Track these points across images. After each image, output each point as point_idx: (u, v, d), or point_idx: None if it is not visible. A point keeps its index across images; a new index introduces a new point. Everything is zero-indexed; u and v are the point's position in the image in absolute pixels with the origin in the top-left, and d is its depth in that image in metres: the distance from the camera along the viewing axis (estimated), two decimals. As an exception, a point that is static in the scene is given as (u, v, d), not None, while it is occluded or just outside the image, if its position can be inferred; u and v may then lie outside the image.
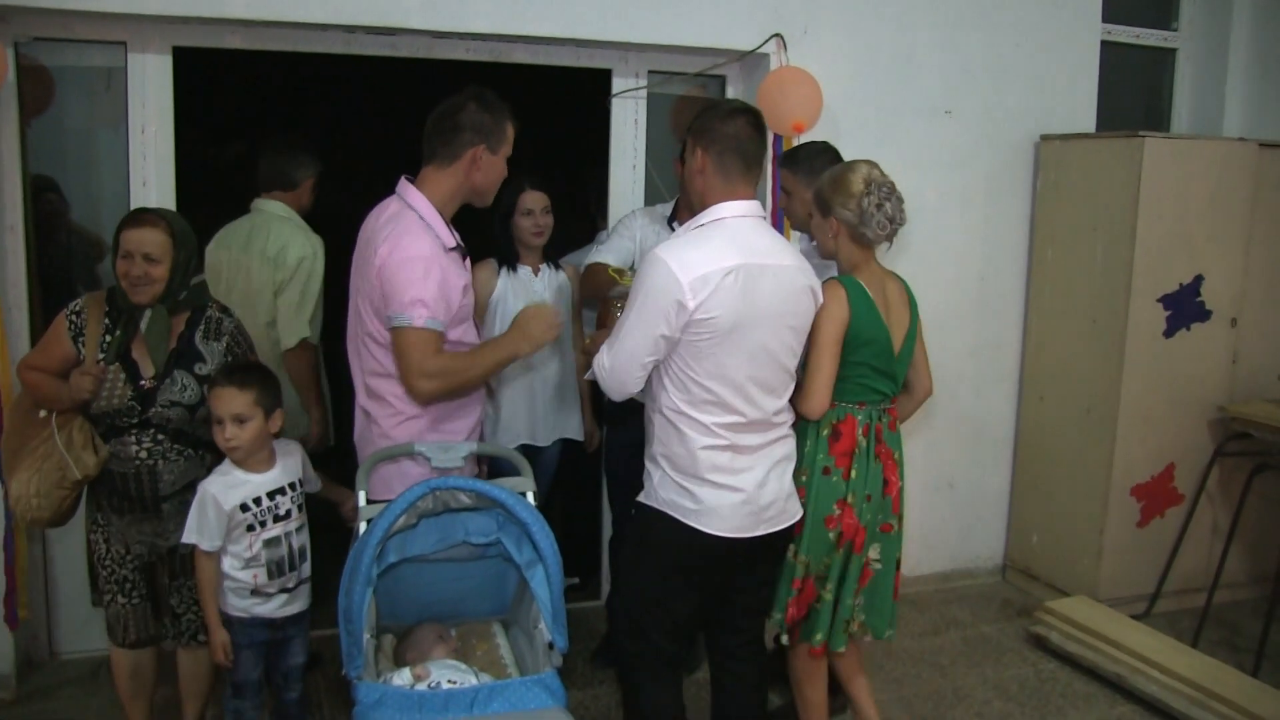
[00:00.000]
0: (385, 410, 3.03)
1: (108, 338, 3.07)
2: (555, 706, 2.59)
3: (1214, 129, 5.41)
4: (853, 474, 3.15)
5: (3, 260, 3.91)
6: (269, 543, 3.01)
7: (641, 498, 2.93)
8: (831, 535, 3.14)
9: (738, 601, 3.04)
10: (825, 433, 3.16)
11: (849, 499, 3.14)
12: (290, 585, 3.07)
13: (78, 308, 3.12)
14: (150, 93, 4.05)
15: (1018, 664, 4.42)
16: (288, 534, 3.05)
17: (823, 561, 3.18)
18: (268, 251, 3.90)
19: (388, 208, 3.04)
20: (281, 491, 3.05)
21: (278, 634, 3.11)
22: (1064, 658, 4.41)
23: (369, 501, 2.89)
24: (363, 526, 2.77)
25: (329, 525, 3.35)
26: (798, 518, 3.02)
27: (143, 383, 3.07)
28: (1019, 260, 5.13)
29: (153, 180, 4.06)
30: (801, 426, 3.16)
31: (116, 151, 4.12)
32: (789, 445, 2.98)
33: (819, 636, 3.21)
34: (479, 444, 3.07)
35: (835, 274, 3.19)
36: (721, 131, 2.80)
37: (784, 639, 3.30)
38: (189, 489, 3.09)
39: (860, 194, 3.06)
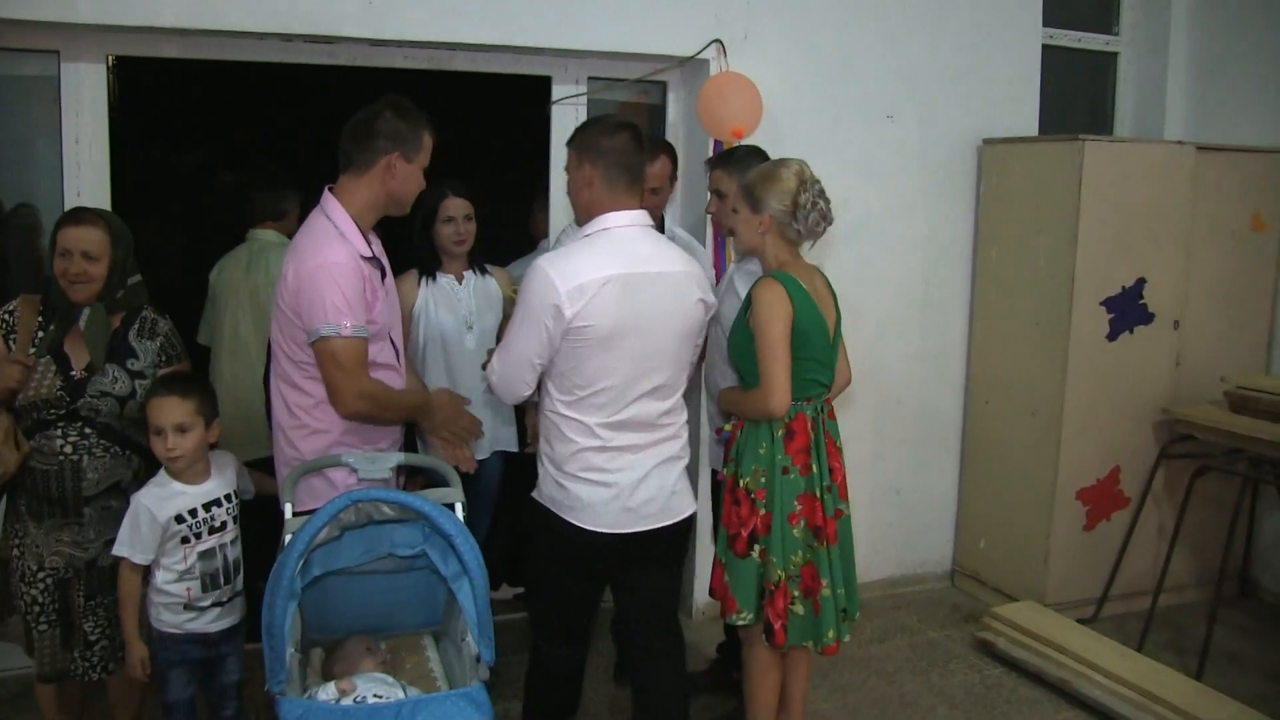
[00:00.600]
0: (293, 423, 3.00)
1: (40, 334, 3.06)
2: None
3: (1156, 132, 5.44)
4: (812, 469, 3.20)
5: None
6: (204, 555, 2.97)
7: (533, 493, 3.08)
8: (797, 532, 3.18)
9: (637, 595, 3.15)
10: (780, 433, 3.18)
11: (814, 493, 3.19)
12: (224, 599, 3.02)
13: (10, 308, 3.13)
14: (85, 102, 3.99)
15: (964, 670, 4.41)
16: (222, 546, 3.01)
17: (794, 561, 3.19)
18: (270, 274, 4.27)
19: (308, 224, 3.00)
20: (218, 503, 3.01)
21: (211, 651, 3.06)
22: (1010, 663, 4.41)
23: (295, 514, 2.85)
24: (287, 539, 2.73)
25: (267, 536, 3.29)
26: (683, 515, 3.07)
27: (73, 373, 3.04)
28: (963, 264, 5.13)
29: (87, 190, 3.99)
30: (753, 429, 3.23)
31: (53, 161, 4.06)
32: (676, 446, 3.05)
33: (830, 634, 3.23)
34: (406, 454, 3.04)
35: (764, 274, 3.22)
36: (608, 146, 2.91)
37: (765, 641, 3.27)
38: (113, 493, 3.06)
39: (795, 190, 3.13)
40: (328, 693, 2.68)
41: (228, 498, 3.05)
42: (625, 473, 2.93)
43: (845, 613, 3.29)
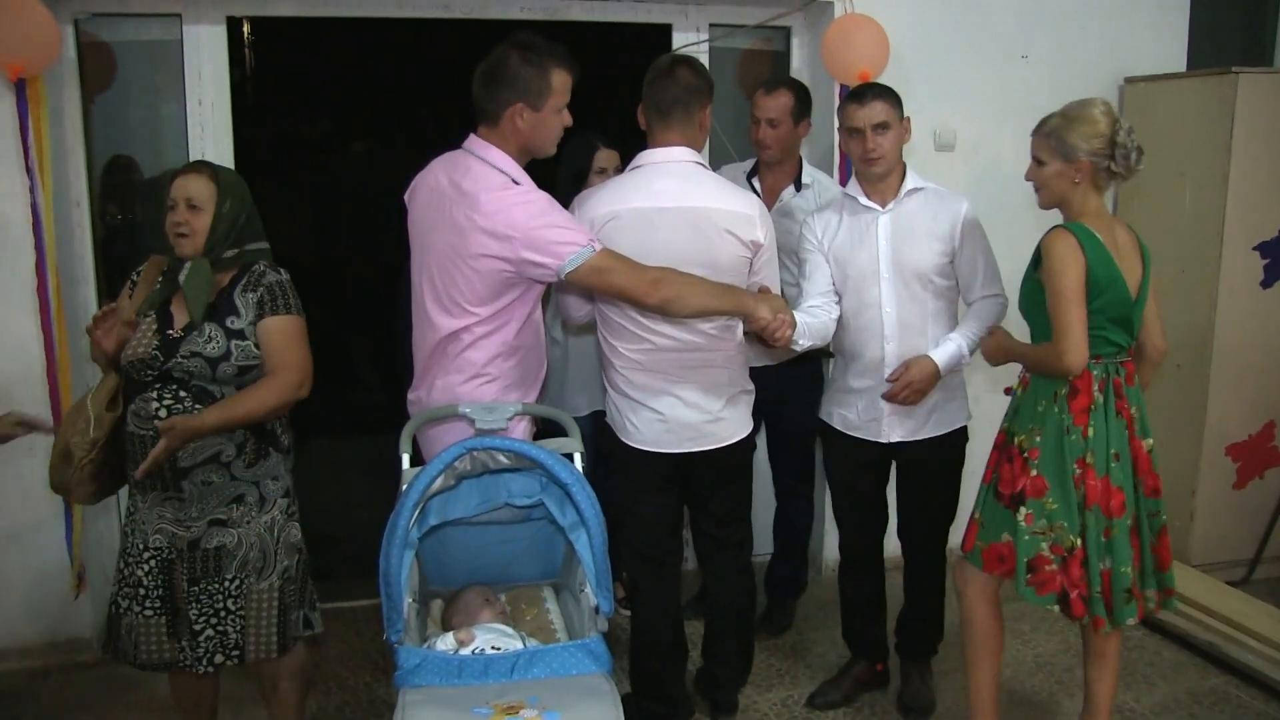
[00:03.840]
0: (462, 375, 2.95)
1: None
2: (598, 672, 2.51)
3: (1320, 63, 5.09)
4: (1090, 431, 2.97)
5: (69, 235, 3.95)
6: None
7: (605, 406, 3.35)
8: (1076, 497, 2.97)
9: (702, 509, 3.38)
10: (1064, 391, 2.99)
11: (1088, 458, 2.97)
12: None
13: (140, 269, 3.04)
14: (205, 64, 4.07)
15: (1104, 631, 4.23)
16: None
17: (1073, 528, 2.97)
18: None
19: (467, 168, 2.89)
20: None
21: None
22: (1153, 625, 4.20)
23: (411, 464, 2.85)
24: (403, 489, 2.72)
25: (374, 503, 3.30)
26: (730, 441, 3.22)
27: (170, 332, 2.85)
28: (1104, 210, 4.87)
29: (211, 152, 4.05)
30: (1036, 385, 3.08)
31: (178, 126, 4.14)
32: (715, 374, 3.17)
33: (1091, 610, 3.00)
34: (525, 404, 3.00)
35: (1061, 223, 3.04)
36: (647, 84, 3.10)
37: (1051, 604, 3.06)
38: (213, 466, 2.85)
39: (1109, 130, 2.96)
40: (446, 643, 2.68)
41: None
42: (664, 397, 3.13)
43: (1129, 593, 3.00)
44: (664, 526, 3.34)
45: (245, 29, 6.57)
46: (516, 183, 2.86)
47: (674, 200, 3.01)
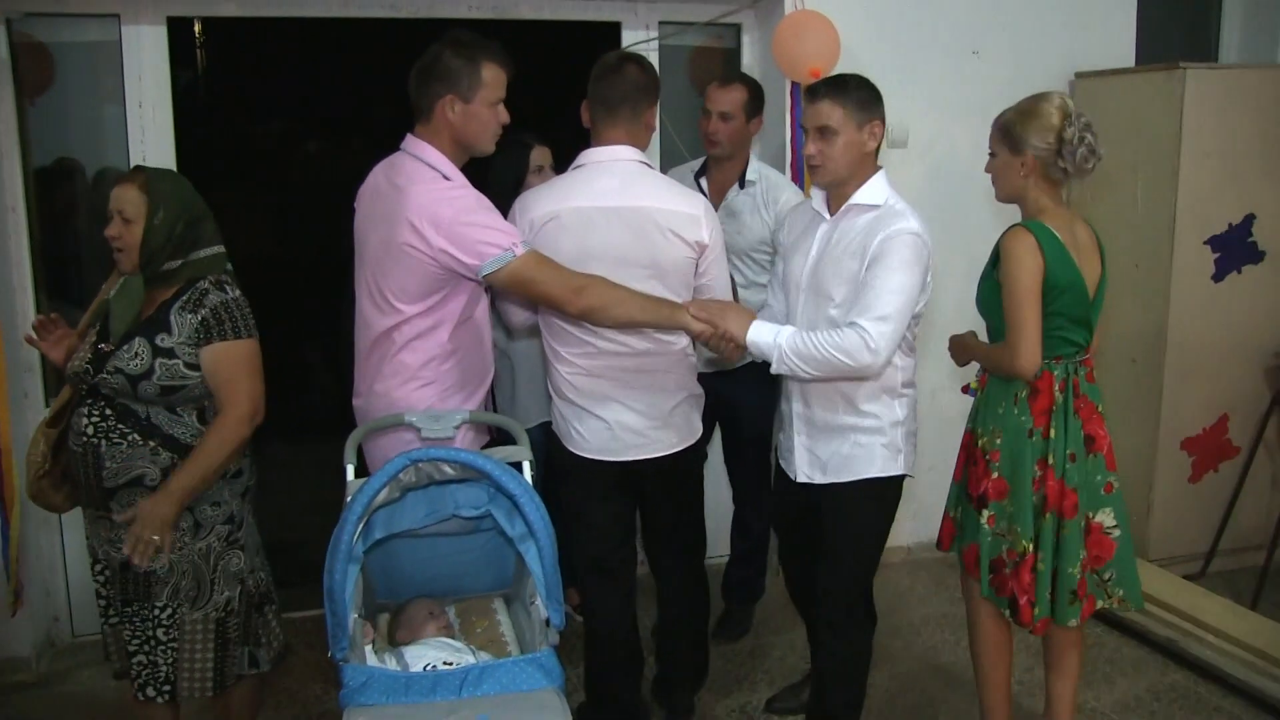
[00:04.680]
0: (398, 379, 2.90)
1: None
2: (549, 687, 2.45)
3: (1268, 58, 5.10)
4: (1051, 432, 2.98)
5: (4, 241, 3.85)
6: None
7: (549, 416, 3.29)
8: (1036, 499, 2.98)
9: (652, 515, 3.32)
10: (1024, 393, 3.00)
11: (1049, 459, 2.97)
12: None
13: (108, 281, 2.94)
14: (146, 66, 3.97)
15: (1063, 628, 4.22)
16: None
17: (1026, 532, 2.99)
18: None
19: (401, 166, 2.86)
20: None
21: None
22: (1112, 621, 4.21)
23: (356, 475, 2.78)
24: (347, 502, 2.65)
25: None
26: (679, 448, 3.13)
27: (101, 346, 2.73)
28: (1057, 206, 4.88)
29: (153, 155, 3.98)
30: (996, 387, 3.08)
31: (120, 129, 4.04)
32: (662, 379, 3.08)
33: (1037, 612, 2.99)
34: (472, 412, 2.93)
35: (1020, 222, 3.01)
36: (592, 80, 3.02)
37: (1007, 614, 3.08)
38: (139, 488, 2.71)
39: (1059, 125, 2.90)
40: (391, 659, 2.62)
41: None
42: (609, 403, 3.06)
43: (1074, 595, 3.00)
44: (615, 535, 3.27)
45: (196, 29, 6.47)
46: (447, 178, 2.81)
47: (616, 200, 2.93)
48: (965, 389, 3.31)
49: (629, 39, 4.40)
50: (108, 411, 2.72)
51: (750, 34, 4.58)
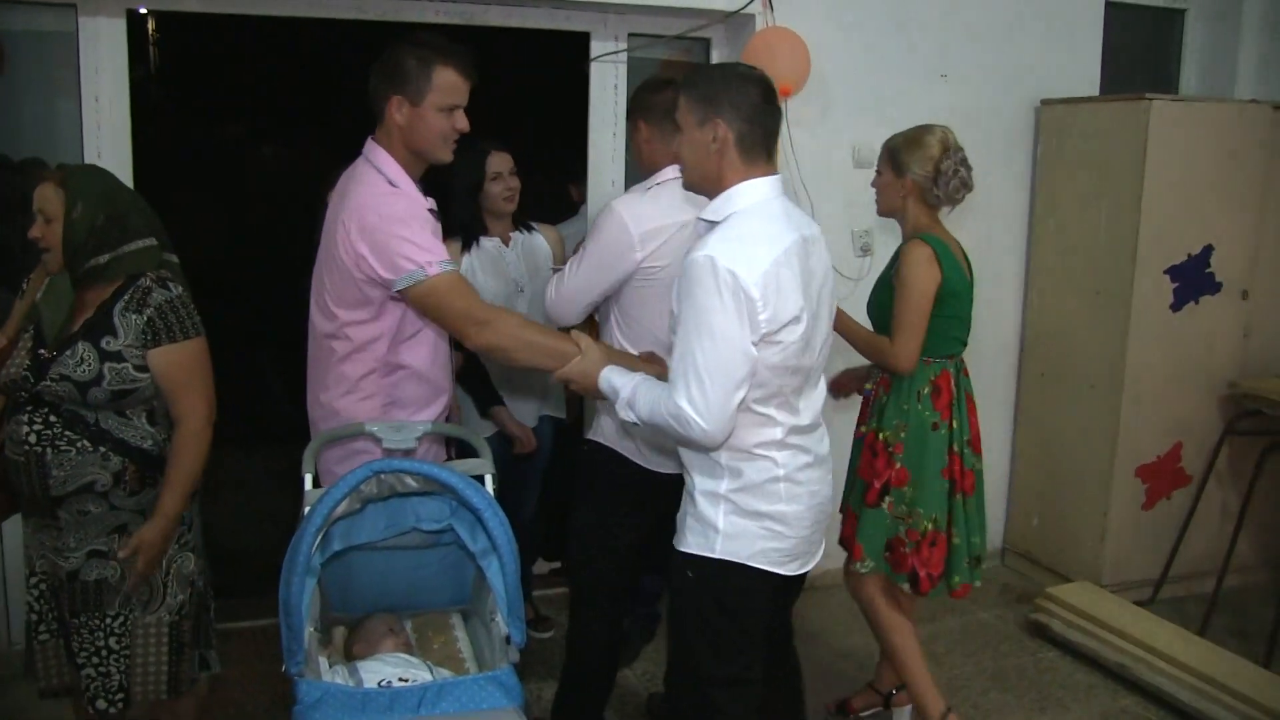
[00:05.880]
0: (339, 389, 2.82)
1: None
2: (509, 706, 2.40)
3: (1225, 92, 5.18)
4: (954, 424, 3.31)
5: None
6: None
7: (591, 435, 3.16)
8: (945, 485, 3.28)
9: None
10: (927, 390, 3.29)
11: (954, 448, 3.30)
12: None
13: (29, 277, 2.82)
14: (103, 59, 3.86)
15: (1016, 653, 4.23)
16: None
17: (938, 512, 3.28)
18: None
19: (355, 171, 2.80)
20: None
21: None
22: (1065, 646, 4.23)
23: (315, 486, 2.71)
24: (306, 513, 2.59)
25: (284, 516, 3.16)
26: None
27: (41, 352, 2.63)
28: (1018, 230, 4.93)
29: (108, 151, 3.87)
30: (898, 386, 3.32)
31: (75, 124, 3.92)
32: None
33: (957, 579, 3.32)
34: (434, 424, 2.88)
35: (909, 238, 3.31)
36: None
37: (905, 587, 3.35)
38: (89, 496, 2.64)
39: (938, 157, 3.20)
40: (345, 675, 2.56)
41: None
42: None
43: (977, 560, 3.37)
44: (634, 553, 3.19)
45: (150, 24, 6.36)
46: (393, 184, 2.72)
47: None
48: (860, 391, 3.57)
49: (598, 50, 4.37)
50: (52, 419, 2.63)
51: (719, 49, 4.57)
